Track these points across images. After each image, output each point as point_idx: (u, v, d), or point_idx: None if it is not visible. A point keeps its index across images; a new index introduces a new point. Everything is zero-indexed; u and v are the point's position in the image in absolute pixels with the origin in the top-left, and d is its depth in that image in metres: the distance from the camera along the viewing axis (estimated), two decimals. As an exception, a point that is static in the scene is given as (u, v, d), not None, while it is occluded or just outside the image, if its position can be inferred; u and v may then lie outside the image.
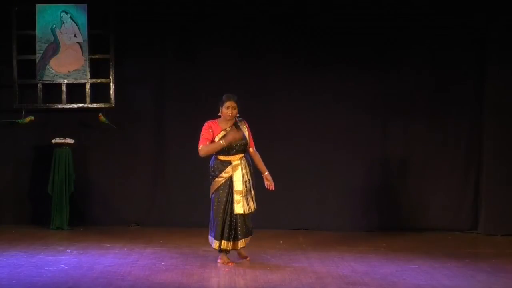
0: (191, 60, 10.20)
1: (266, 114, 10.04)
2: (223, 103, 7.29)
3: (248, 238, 7.41)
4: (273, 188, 7.47)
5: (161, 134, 10.28)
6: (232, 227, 7.25)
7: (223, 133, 7.25)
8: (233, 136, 7.17)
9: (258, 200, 9.37)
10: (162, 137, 10.26)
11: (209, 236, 7.45)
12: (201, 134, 7.31)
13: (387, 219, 10.04)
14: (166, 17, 10.17)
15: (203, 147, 7.26)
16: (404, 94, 10.12)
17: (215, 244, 7.31)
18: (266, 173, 7.46)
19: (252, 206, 7.35)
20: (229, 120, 7.30)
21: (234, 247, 7.34)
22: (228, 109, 7.25)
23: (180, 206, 10.19)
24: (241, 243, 7.32)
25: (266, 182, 7.44)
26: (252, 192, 7.38)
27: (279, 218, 10.02)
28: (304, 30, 10.10)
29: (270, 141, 9.79)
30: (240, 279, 6.63)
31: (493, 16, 9.82)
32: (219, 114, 7.33)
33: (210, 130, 7.27)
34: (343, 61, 10.11)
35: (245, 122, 7.45)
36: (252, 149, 7.46)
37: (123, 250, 8.20)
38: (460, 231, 9.92)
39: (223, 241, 7.25)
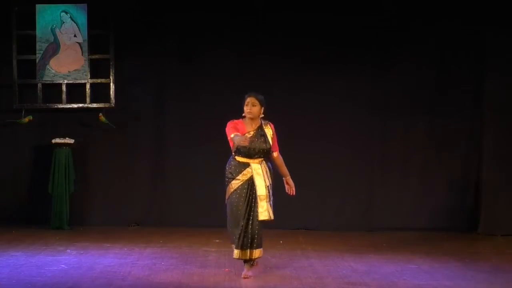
0: (191, 60, 10.20)
1: (265, 114, 10.01)
2: (244, 101, 6.72)
3: (262, 249, 6.74)
4: (294, 194, 6.95)
5: (161, 134, 10.28)
6: (248, 235, 6.60)
7: (249, 135, 6.64)
8: (244, 141, 6.46)
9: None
10: (162, 137, 10.26)
11: (232, 245, 6.76)
12: (228, 129, 6.62)
13: (387, 219, 10.04)
14: (166, 17, 10.17)
15: (236, 135, 6.52)
16: (404, 94, 10.12)
17: (235, 253, 6.67)
18: (288, 177, 6.94)
19: (271, 213, 6.75)
20: (250, 118, 6.69)
21: (251, 256, 6.65)
22: (247, 106, 6.66)
23: (180, 206, 10.19)
24: (257, 253, 6.68)
25: (286, 187, 6.93)
26: (272, 198, 6.78)
27: (279, 218, 9.99)
28: (304, 30, 10.10)
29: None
30: (240, 279, 6.62)
31: (493, 17, 9.82)
32: (243, 114, 6.75)
33: (237, 126, 6.64)
34: (343, 61, 10.12)
35: (271, 125, 6.89)
36: (275, 153, 6.89)
37: (123, 250, 8.20)
38: (460, 231, 9.92)
39: (240, 250, 6.62)
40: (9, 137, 10.27)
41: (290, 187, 6.96)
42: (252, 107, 6.69)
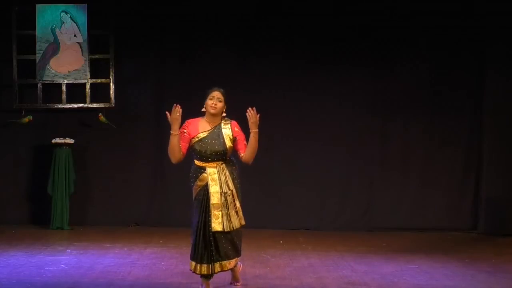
0: (190, 60, 10.21)
1: (265, 114, 9.93)
2: (208, 94, 6.09)
3: (232, 260, 6.07)
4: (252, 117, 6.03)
5: (161, 134, 10.23)
6: (207, 247, 5.99)
7: (202, 135, 6.08)
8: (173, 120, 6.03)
9: (257, 202, 9.35)
10: (162, 137, 10.19)
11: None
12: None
13: (387, 219, 10.04)
14: (165, 17, 10.18)
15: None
16: (404, 94, 10.12)
17: (190, 264, 6.12)
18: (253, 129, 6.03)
19: (237, 222, 6.01)
20: (213, 115, 6.06)
21: (211, 271, 6.04)
22: (212, 100, 6.03)
23: (180, 206, 10.16)
24: (218, 267, 6.03)
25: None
26: (237, 205, 6.04)
27: (279, 218, 10.02)
28: (303, 30, 10.11)
29: (270, 141, 9.79)
30: (240, 278, 6.62)
31: (492, 17, 9.82)
32: (203, 109, 6.17)
33: (185, 130, 6.13)
34: (343, 61, 10.12)
35: (234, 123, 6.16)
36: (244, 155, 6.11)
37: (123, 250, 8.20)
38: (460, 231, 9.92)
39: (194, 263, 6.04)
40: (9, 137, 10.27)
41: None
42: (217, 102, 6.05)
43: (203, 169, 6.10)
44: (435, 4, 9.93)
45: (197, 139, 6.11)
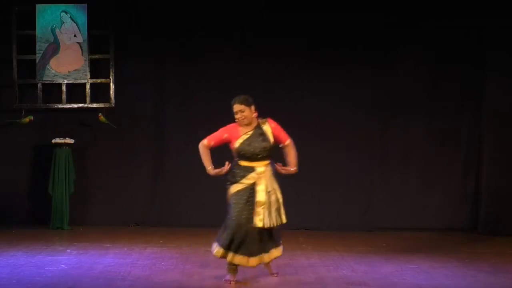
0: (191, 60, 10.22)
1: (265, 114, 10.01)
2: (232, 108, 6.45)
3: (275, 250, 6.52)
4: (284, 172, 6.47)
5: (161, 134, 10.29)
6: (245, 241, 6.31)
7: (246, 135, 6.35)
8: (216, 174, 6.34)
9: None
10: (162, 137, 10.27)
11: (214, 242, 6.47)
12: (218, 130, 6.48)
13: (387, 219, 10.04)
14: (165, 17, 10.18)
15: (204, 147, 6.43)
16: (404, 94, 10.13)
17: (216, 251, 6.40)
18: (293, 168, 6.54)
19: (276, 219, 6.36)
20: (246, 124, 6.43)
21: (246, 264, 6.38)
22: (237, 115, 6.39)
23: (180, 206, 10.20)
24: (266, 257, 6.48)
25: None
26: (280, 202, 6.45)
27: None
28: (303, 31, 10.11)
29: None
30: (240, 279, 6.62)
31: (492, 17, 9.82)
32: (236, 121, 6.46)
33: (226, 134, 6.42)
34: (343, 61, 10.12)
35: (270, 120, 6.56)
36: (286, 142, 6.57)
37: (123, 250, 8.20)
38: (460, 231, 9.92)
39: (229, 252, 6.33)
40: (9, 137, 10.28)
41: (283, 168, 6.47)
42: (241, 114, 6.39)
43: (251, 169, 6.38)
44: (435, 4, 9.93)
45: (242, 140, 6.39)
